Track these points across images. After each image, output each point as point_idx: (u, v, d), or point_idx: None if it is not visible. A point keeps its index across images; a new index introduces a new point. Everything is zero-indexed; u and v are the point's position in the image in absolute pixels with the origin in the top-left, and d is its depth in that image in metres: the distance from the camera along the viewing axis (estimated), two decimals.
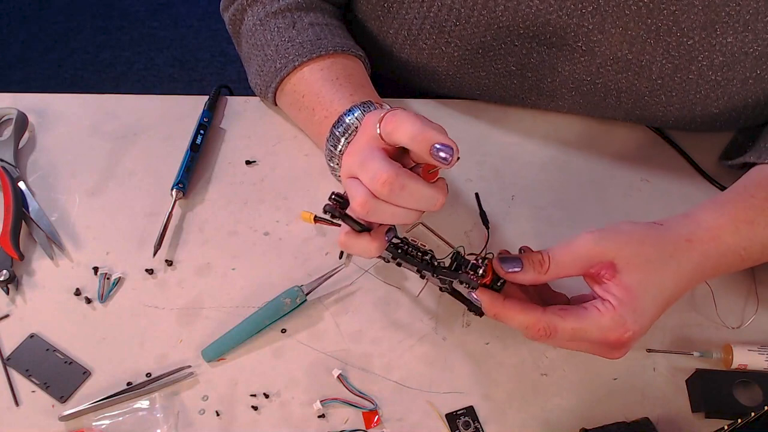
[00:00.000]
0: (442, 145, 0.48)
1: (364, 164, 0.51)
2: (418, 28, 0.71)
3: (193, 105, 0.77)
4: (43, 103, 0.77)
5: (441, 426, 0.59)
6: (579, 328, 0.53)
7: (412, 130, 0.49)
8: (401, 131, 0.50)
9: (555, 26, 0.66)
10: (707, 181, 0.73)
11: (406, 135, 0.49)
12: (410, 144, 0.49)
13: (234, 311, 0.64)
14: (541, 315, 0.53)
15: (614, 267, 0.53)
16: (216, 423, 0.59)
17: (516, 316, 0.54)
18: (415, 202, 0.51)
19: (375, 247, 0.54)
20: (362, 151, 0.52)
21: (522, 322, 0.54)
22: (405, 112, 0.51)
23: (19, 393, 0.60)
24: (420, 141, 0.49)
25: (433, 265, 0.58)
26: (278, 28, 0.71)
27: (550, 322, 0.53)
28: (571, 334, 0.53)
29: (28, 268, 0.67)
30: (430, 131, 0.49)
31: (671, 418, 0.59)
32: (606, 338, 0.53)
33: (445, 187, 0.52)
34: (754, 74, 0.66)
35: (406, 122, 0.50)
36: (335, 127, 0.61)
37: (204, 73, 1.95)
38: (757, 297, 0.66)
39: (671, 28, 0.63)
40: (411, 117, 0.50)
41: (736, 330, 0.64)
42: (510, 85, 0.74)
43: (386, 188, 0.49)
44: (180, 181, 0.70)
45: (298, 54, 0.69)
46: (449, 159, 0.49)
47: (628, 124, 0.77)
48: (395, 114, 0.50)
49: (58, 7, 2.09)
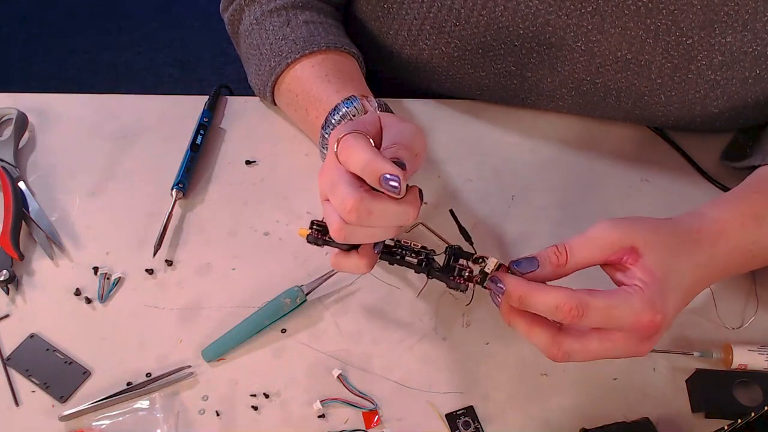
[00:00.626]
0: (390, 175, 0.48)
1: (333, 189, 0.51)
2: (417, 28, 0.71)
3: (193, 105, 0.77)
4: (43, 103, 0.77)
5: (441, 426, 0.59)
6: (613, 306, 0.49)
7: (363, 160, 0.49)
8: (352, 161, 0.50)
9: (554, 26, 0.66)
10: (707, 181, 0.73)
11: (357, 165, 0.49)
12: (362, 174, 0.49)
13: (234, 311, 0.64)
14: (570, 291, 0.50)
15: (636, 252, 0.52)
16: (216, 423, 0.59)
17: (544, 296, 0.50)
18: (387, 222, 0.51)
19: (365, 263, 0.54)
20: (330, 172, 0.52)
21: (551, 301, 0.49)
22: (357, 140, 0.50)
23: (19, 393, 0.60)
24: (369, 172, 0.49)
25: (427, 266, 0.57)
26: (273, 27, 0.71)
27: (581, 299, 0.49)
28: (604, 316, 0.49)
29: (28, 268, 0.67)
30: (378, 162, 0.49)
31: (671, 418, 0.59)
32: (639, 321, 0.50)
33: (416, 199, 0.52)
34: (753, 74, 0.66)
35: (356, 152, 0.49)
36: (324, 129, 0.63)
37: (204, 73, 1.95)
38: (757, 298, 0.66)
39: (670, 28, 0.63)
40: (361, 146, 0.50)
41: (737, 330, 0.64)
42: (510, 85, 0.74)
43: (353, 215, 0.49)
44: (180, 181, 0.70)
45: (291, 51, 0.69)
46: (398, 188, 0.49)
47: (628, 124, 0.77)
48: (347, 142, 0.50)
49: (58, 7, 2.09)
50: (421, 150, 0.55)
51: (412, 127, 0.55)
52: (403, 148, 0.52)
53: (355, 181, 0.50)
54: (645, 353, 0.52)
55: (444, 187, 0.72)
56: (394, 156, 0.51)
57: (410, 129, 0.55)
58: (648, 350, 0.52)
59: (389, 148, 0.52)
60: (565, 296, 0.49)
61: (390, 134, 0.54)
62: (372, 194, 0.50)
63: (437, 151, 0.75)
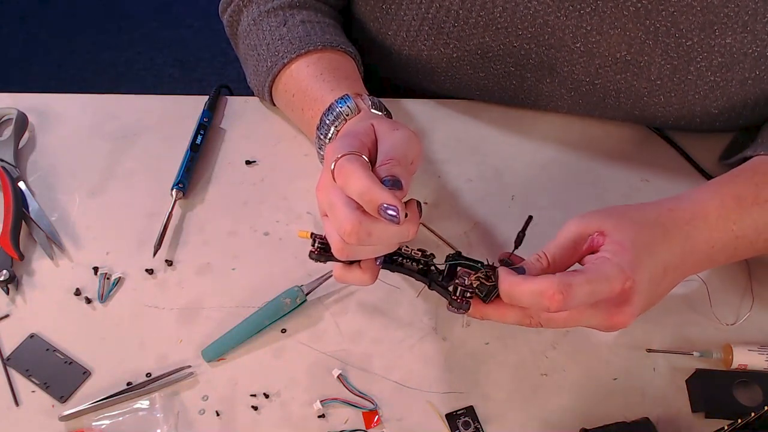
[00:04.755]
0: (388, 204, 0.49)
1: (332, 209, 0.52)
2: (416, 29, 0.71)
3: (193, 105, 0.77)
4: (43, 103, 0.77)
5: (441, 426, 0.59)
6: (592, 280, 0.50)
7: (360, 187, 0.50)
8: (350, 187, 0.50)
9: (553, 27, 0.66)
10: (707, 180, 0.73)
11: (355, 192, 0.50)
12: (359, 201, 0.50)
13: (234, 311, 0.64)
14: (551, 277, 0.50)
15: (603, 234, 0.54)
16: (216, 423, 0.59)
17: (527, 286, 0.51)
18: (387, 240, 0.52)
19: (368, 276, 0.55)
20: (327, 191, 0.52)
21: (534, 290, 0.50)
22: (353, 164, 0.50)
23: (19, 393, 0.60)
24: (368, 201, 0.49)
25: (428, 275, 0.57)
26: (270, 27, 0.71)
27: (563, 280, 0.49)
28: (587, 292, 0.50)
29: (28, 268, 0.67)
30: (375, 191, 0.49)
31: (671, 418, 0.59)
32: (612, 290, 0.50)
33: (416, 215, 0.53)
34: (753, 75, 0.66)
35: (353, 178, 0.50)
36: (318, 130, 0.63)
37: (204, 73, 1.95)
38: (752, 294, 0.66)
39: (670, 29, 0.64)
40: (358, 172, 0.50)
41: (736, 330, 0.64)
42: (509, 85, 0.74)
43: (354, 238, 0.50)
44: (180, 181, 0.70)
45: (287, 51, 0.69)
46: (397, 217, 0.49)
47: (628, 124, 0.77)
48: (344, 167, 0.51)
49: (58, 7, 2.09)
50: (416, 157, 0.55)
51: (405, 133, 0.55)
52: (397, 164, 0.52)
53: (353, 203, 0.51)
54: (620, 325, 0.53)
55: (444, 187, 0.72)
56: (389, 173, 0.51)
57: (403, 137, 0.55)
58: (622, 322, 0.53)
59: (384, 165, 0.52)
60: (548, 281, 0.50)
61: (384, 146, 0.54)
62: (370, 216, 0.50)
63: (437, 151, 0.75)
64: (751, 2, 0.61)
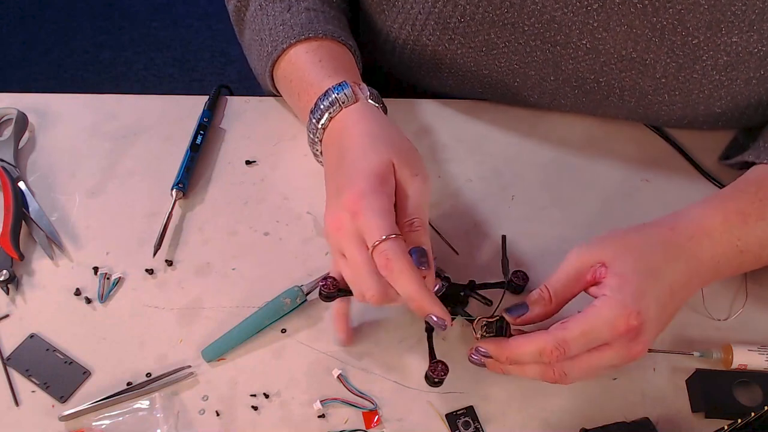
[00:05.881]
0: (438, 317, 0.53)
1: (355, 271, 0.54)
2: (422, 23, 0.71)
3: (193, 105, 0.77)
4: (43, 103, 0.77)
5: (441, 426, 0.59)
6: (587, 330, 0.52)
7: (411, 293, 0.52)
8: (399, 285, 0.52)
9: (560, 23, 0.66)
10: (707, 181, 0.73)
11: (404, 292, 0.52)
12: (406, 301, 0.53)
13: (234, 311, 0.64)
14: (546, 335, 0.52)
15: (605, 265, 0.54)
16: (216, 423, 0.59)
17: (525, 346, 0.53)
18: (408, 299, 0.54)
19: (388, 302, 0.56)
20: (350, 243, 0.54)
21: (533, 350, 0.52)
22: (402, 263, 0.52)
23: (19, 393, 0.60)
24: (416, 308, 0.53)
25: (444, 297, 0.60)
26: (275, 12, 0.71)
27: (556, 337, 0.51)
28: (585, 341, 0.52)
29: (28, 268, 0.67)
30: (427, 302, 0.52)
31: (671, 418, 0.59)
32: (617, 330, 0.51)
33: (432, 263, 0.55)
34: (758, 74, 0.66)
35: (403, 278, 0.52)
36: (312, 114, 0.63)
37: (204, 73, 1.95)
38: (746, 292, 0.66)
39: (676, 27, 0.63)
40: (407, 272, 0.52)
41: (736, 330, 0.64)
42: (512, 83, 0.74)
43: (378, 303, 0.54)
44: (180, 181, 0.70)
45: (287, 36, 0.68)
46: (444, 327, 0.53)
47: (629, 124, 0.77)
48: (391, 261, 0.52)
49: (58, 7, 2.09)
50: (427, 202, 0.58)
51: (422, 184, 0.58)
52: (421, 225, 0.55)
53: (376, 271, 0.53)
54: (639, 354, 0.54)
55: (444, 187, 0.72)
56: (417, 243, 0.54)
57: (422, 189, 0.57)
58: (641, 350, 0.54)
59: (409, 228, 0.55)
60: (543, 340, 0.52)
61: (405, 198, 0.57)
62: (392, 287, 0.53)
63: (437, 151, 0.75)
64: (758, 1, 0.61)
